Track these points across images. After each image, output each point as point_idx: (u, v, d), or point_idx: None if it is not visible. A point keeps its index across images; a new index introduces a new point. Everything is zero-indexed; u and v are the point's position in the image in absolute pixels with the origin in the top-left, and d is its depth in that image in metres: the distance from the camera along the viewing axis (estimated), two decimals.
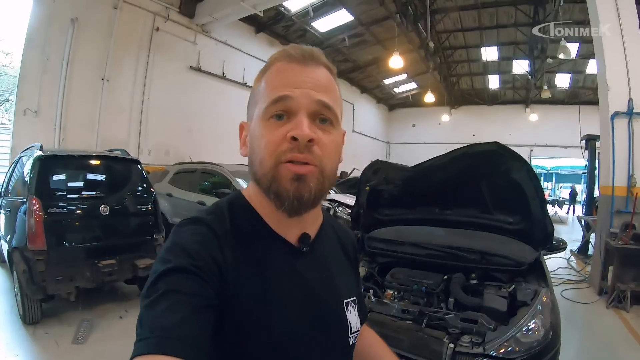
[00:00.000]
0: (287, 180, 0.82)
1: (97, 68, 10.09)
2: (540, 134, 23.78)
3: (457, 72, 23.07)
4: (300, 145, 0.81)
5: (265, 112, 0.83)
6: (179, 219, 7.09)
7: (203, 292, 0.73)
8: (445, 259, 3.61)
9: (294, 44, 0.89)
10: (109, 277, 4.91)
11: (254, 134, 0.85)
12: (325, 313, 0.92)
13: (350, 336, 0.97)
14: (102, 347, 4.24)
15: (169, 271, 0.73)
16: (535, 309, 2.86)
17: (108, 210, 5.05)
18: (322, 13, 14.59)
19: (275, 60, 0.88)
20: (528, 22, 16.72)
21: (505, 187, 3.42)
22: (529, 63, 19.74)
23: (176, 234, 0.83)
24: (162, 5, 11.59)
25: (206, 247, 0.78)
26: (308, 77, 0.85)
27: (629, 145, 7.30)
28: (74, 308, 4.99)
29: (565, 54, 14.15)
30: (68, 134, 9.39)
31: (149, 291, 0.72)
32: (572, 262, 9.40)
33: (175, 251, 0.77)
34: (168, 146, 12.14)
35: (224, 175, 8.00)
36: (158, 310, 0.68)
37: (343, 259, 1.08)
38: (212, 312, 0.73)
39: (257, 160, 0.84)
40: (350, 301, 1.01)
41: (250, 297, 0.80)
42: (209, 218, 0.86)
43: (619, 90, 7.36)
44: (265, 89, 0.86)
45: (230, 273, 0.79)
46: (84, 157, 5.53)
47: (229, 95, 14.23)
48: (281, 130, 0.82)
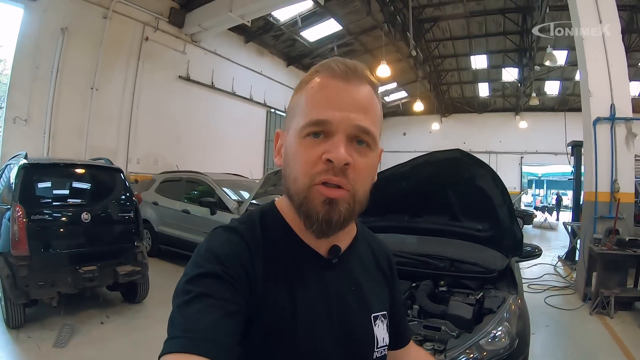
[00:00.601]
0: (319, 203, 0.82)
1: (87, 77, 10.20)
2: (530, 141, 23.84)
3: (447, 80, 23.22)
4: (335, 169, 0.80)
5: (302, 130, 0.82)
6: (164, 227, 7.22)
7: (233, 298, 0.74)
8: (415, 267, 3.64)
9: (337, 57, 0.86)
10: (89, 282, 5.01)
11: (290, 149, 0.85)
12: (352, 326, 0.91)
13: (376, 351, 0.97)
14: (82, 351, 4.32)
15: (201, 275, 0.75)
16: (501, 316, 2.87)
17: (90, 217, 5.15)
18: (311, 23, 14.72)
19: (316, 74, 0.86)
20: (516, 30, 17.00)
21: (472, 194, 3.47)
22: (518, 71, 19.90)
23: (209, 240, 0.84)
24: (151, 15, 11.72)
25: (237, 256, 0.80)
26: (350, 96, 0.83)
27: (611, 150, 7.35)
28: (56, 313, 5.06)
29: (551, 62, 14.39)
30: (57, 142, 9.48)
31: (181, 293, 0.73)
32: (560, 269, 9.48)
33: (208, 257, 0.78)
34: (156, 155, 12.23)
35: (209, 184, 8.13)
36: (190, 312, 0.70)
37: (375, 272, 1.06)
38: (241, 319, 0.74)
39: (292, 177, 0.84)
40: (380, 315, 1.00)
41: (277, 308, 0.81)
42: (242, 227, 0.87)
43: (601, 96, 7.44)
44: (305, 105, 0.83)
45: (259, 282, 0.80)
46: (68, 165, 5.64)
47: (218, 105, 14.41)
48: (317, 150, 0.81)
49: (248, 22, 12.09)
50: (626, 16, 14.39)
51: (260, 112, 17.01)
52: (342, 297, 0.91)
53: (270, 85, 16.87)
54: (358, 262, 1.00)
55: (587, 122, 7.59)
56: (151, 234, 8.73)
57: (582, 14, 7.62)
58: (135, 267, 5.41)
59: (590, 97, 7.50)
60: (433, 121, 25.56)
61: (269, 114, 17.47)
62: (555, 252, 11.13)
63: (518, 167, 25.46)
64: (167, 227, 8.45)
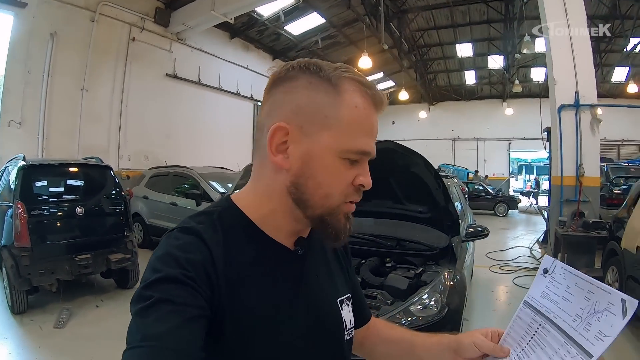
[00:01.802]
0: (342, 217, 0.86)
1: (77, 79, 10.54)
2: (517, 128, 23.99)
3: (434, 69, 23.49)
4: (361, 191, 0.87)
5: (345, 153, 0.82)
6: (154, 220, 7.73)
7: (194, 301, 0.72)
8: (365, 246, 4.03)
9: (371, 83, 0.85)
10: (85, 269, 5.56)
11: (321, 163, 0.82)
12: (322, 313, 0.93)
13: (346, 333, 0.99)
14: (79, 330, 4.89)
15: (160, 280, 0.72)
16: (434, 287, 3.28)
17: (83, 211, 5.69)
18: (294, 17, 15.03)
19: (356, 91, 0.83)
20: (500, 19, 17.20)
21: (409, 180, 3.86)
22: (503, 58, 20.12)
23: (166, 243, 0.81)
24: (137, 16, 12.02)
25: (197, 257, 0.77)
26: (377, 127, 0.88)
27: (576, 136, 7.60)
28: (55, 299, 5.60)
29: (529, 49, 14.61)
30: (51, 143, 9.85)
31: (139, 299, 0.71)
32: (536, 251, 9.75)
33: (166, 260, 0.75)
34: (147, 152, 12.58)
35: (194, 177, 8.60)
36: (149, 319, 0.68)
37: (333, 258, 1.07)
38: (203, 322, 0.72)
39: (322, 192, 0.83)
40: (345, 298, 1.02)
41: (245, 304, 0.80)
42: (200, 227, 0.83)
43: (566, 83, 7.68)
44: (348, 126, 0.82)
45: (222, 283, 0.78)
46: (62, 165, 6.20)
47: (205, 100, 14.77)
48: (351, 173, 0.84)
49: (231, 19, 12.38)
50: (609, 3, 14.68)
51: (247, 105, 17.26)
52: (310, 285, 0.93)
53: (257, 79, 17.07)
54: (319, 249, 1.01)
55: (553, 109, 7.84)
56: (142, 226, 9.19)
57: (547, 4, 7.85)
58: (125, 255, 5.94)
59: (555, 85, 7.76)
60: (421, 109, 25.63)
61: (256, 107, 17.61)
62: (536, 236, 11.44)
63: (506, 154, 25.67)
64: (157, 219, 8.88)
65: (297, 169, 0.83)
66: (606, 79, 20.16)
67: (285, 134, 0.82)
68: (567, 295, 0.82)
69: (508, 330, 0.91)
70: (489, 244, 10.27)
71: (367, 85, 0.83)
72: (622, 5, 14.72)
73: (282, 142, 0.83)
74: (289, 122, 0.82)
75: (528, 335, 0.86)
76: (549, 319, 0.83)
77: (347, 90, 0.82)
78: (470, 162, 24.81)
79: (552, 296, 0.85)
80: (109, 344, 4.54)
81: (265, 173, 0.88)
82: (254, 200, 0.90)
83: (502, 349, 0.90)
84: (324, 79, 0.82)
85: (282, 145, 0.83)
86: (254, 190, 0.91)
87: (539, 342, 0.83)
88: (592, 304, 0.76)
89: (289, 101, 0.83)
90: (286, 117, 0.82)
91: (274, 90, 0.86)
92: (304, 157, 0.82)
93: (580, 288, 0.80)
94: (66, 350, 4.38)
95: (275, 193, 0.86)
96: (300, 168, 0.83)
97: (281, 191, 0.85)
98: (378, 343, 1.17)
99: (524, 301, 0.91)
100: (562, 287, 0.84)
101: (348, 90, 0.82)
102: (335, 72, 0.83)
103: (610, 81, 20.69)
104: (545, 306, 0.85)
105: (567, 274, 0.84)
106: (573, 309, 0.79)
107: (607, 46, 17.72)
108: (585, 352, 0.73)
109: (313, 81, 0.82)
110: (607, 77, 20.13)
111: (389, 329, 1.20)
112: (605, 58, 18.56)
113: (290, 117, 0.82)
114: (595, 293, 0.76)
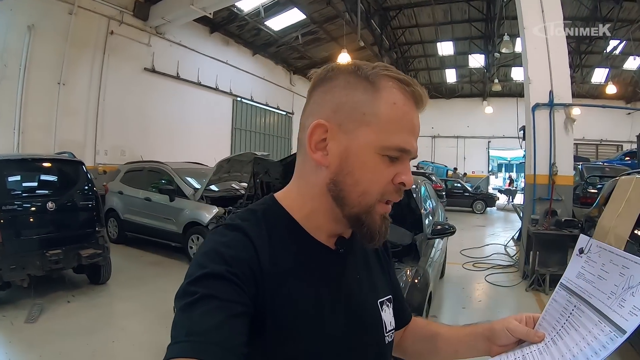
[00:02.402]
0: (379, 217, 0.85)
1: (54, 72, 10.41)
2: (497, 126, 24.26)
3: (415, 66, 23.62)
4: (401, 190, 0.86)
5: (384, 150, 0.82)
6: (129, 215, 7.81)
7: (239, 298, 0.73)
8: None
9: (411, 80, 0.85)
10: (55, 265, 5.58)
11: (359, 159, 0.82)
12: (362, 314, 0.93)
13: (386, 335, 0.98)
14: (50, 325, 4.91)
15: (205, 276, 0.73)
16: None
17: (54, 206, 5.69)
18: (274, 12, 15.05)
19: (394, 88, 0.83)
20: (481, 18, 17.46)
21: None
22: (484, 57, 20.33)
23: (212, 239, 0.82)
24: (116, 9, 11.91)
25: (242, 254, 0.78)
26: (419, 125, 0.87)
27: (550, 135, 7.63)
28: (27, 294, 5.60)
29: (508, 49, 14.88)
30: (27, 137, 9.73)
31: (184, 295, 0.72)
32: (511, 249, 9.84)
33: (212, 256, 0.77)
34: (124, 146, 12.49)
35: (168, 173, 8.62)
36: (194, 314, 0.69)
37: (374, 257, 1.07)
38: (247, 319, 0.73)
39: (360, 189, 0.83)
40: (385, 300, 1.01)
41: (287, 302, 0.80)
42: (245, 224, 0.84)
43: (540, 82, 7.69)
44: (388, 123, 0.82)
45: (266, 279, 0.79)
46: (34, 160, 6.17)
47: (184, 95, 14.68)
48: (390, 171, 0.83)
49: (210, 14, 12.39)
50: (590, 4, 14.89)
51: (226, 100, 17.21)
52: (351, 285, 0.93)
53: (237, 74, 17.10)
54: (360, 250, 1.01)
55: (528, 108, 7.88)
56: (117, 221, 9.15)
57: (524, 3, 7.89)
58: (96, 250, 5.95)
59: (530, 84, 7.80)
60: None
61: (235, 103, 17.67)
62: (512, 233, 11.51)
63: (485, 152, 26.02)
64: (132, 214, 8.86)
65: (336, 165, 0.83)
66: (586, 79, 20.55)
67: (324, 131, 0.83)
68: (602, 274, 0.81)
69: (543, 314, 0.91)
70: (464, 240, 10.46)
71: (405, 82, 0.83)
72: (602, 8, 14.97)
73: (322, 140, 0.84)
74: (328, 120, 0.83)
75: (563, 317, 0.85)
76: (584, 300, 0.83)
77: (385, 87, 0.82)
78: (450, 159, 25.13)
79: (587, 276, 0.85)
80: (79, 339, 4.71)
81: (307, 171, 0.88)
82: (296, 199, 0.90)
83: (537, 333, 0.88)
84: (362, 77, 0.83)
85: (322, 143, 0.84)
86: (297, 188, 0.92)
87: (573, 324, 0.82)
88: (626, 279, 0.76)
89: (329, 100, 0.84)
90: (326, 115, 0.83)
91: (314, 91, 0.88)
92: (343, 153, 0.83)
93: (614, 264, 0.79)
94: (36, 345, 4.42)
95: (316, 191, 0.87)
96: (339, 165, 0.83)
97: (321, 189, 0.86)
98: (413, 341, 1.17)
99: (560, 283, 0.91)
100: (598, 265, 0.83)
101: (386, 87, 0.82)
102: (373, 71, 0.83)
103: (590, 82, 21.08)
104: (581, 286, 0.85)
105: (603, 251, 0.84)
106: (608, 286, 0.79)
107: (587, 47, 18.04)
108: (618, 329, 0.73)
109: (351, 80, 0.83)
110: (587, 78, 20.53)
111: (424, 326, 1.19)
112: (585, 59, 18.89)
113: (330, 115, 0.83)
114: (630, 267, 0.76)
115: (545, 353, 0.82)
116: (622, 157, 16.23)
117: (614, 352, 0.71)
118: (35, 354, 4.24)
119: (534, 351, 0.84)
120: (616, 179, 6.08)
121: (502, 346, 0.93)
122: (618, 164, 13.57)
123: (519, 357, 0.84)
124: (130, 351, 4.49)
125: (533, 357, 0.82)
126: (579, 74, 18.94)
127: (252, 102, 18.71)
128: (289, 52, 19.43)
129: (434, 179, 16.63)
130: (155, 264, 7.93)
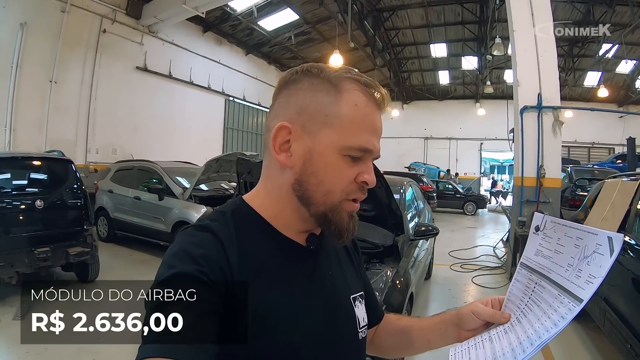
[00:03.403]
0: (345, 215, 0.87)
1: (46, 70, 10.43)
2: (489, 128, 24.03)
3: (408, 68, 23.60)
4: (364, 189, 0.88)
5: (346, 150, 0.84)
6: (119, 214, 7.82)
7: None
8: None
9: (373, 83, 0.88)
10: (43, 262, 5.59)
11: (323, 160, 0.84)
12: (335, 309, 0.93)
13: (360, 331, 0.99)
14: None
15: (175, 276, 0.73)
16: (374, 286, 3.31)
17: (43, 204, 5.72)
18: (267, 12, 15.07)
19: (356, 90, 0.86)
20: (474, 20, 17.48)
21: None
22: (477, 59, 20.37)
23: (181, 240, 0.83)
24: (109, 8, 11.93)
25: (212, 253, 0.79)
26: (381, 126, 0.89)
27: (538, 137, 7.65)
28: (16, 292, 5.61)
29: (499, 51, 14.89)
30: (18, 135, 9.75)
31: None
32: (500, 250, 9.75)
33: (181, 257, 0.77)
34: (115, 145, 12.51)
35: (157, 172, 8.64)
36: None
37: (345, 255, 1.08)
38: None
39: (323, 189, 0.85)
40: (357, 296, 1.02)
41: (259, 298, 0.80)
42: (214, 224, 0.85)
43: (529, 85, 7.71)
44: (350, 124, 0.84)
45: (236, 277, 0.79)
46: (23, 158, 6.23)
47: (176, 94, 14.72)
48: (353, 170, 0.85)
49: (202, 13, 12.44)
50: (583, 8, 14.95)
51: (218, 100, 17.25)
52: (323, 281, 0.93)
53: (229, 74, 17.13)
54: (331, 247, 1.01)
55: (516, 110, 7.91)
56: (107, 220, 9.14)
57: (514, 6, 7.91)
58: (84, 249, 5.97)
59: (519, 87, 7.82)
60: (394, 108, 25.41)
61: (227, 102, 17.72)
62: (502, 235, 11.41)
63: (478, 153, 25.91)
64: (122, 213, 8.87)
65: (300, 166, 0.85)
66: (578, 82, 20.59)
67: (287, 133, 0.85)
68: (558, 248, 0.83)
69: (508, 295, 0.92)
70: (453, 242, 10.48)
71: (368, 84, 0.86)
72: (595, 11, 15.02)
73: (285, 141, 0.85)
74: (292, 122, 0.85)
75: (526, 296, 0.87)
76: (544, 275, 0.85)
77: (347, 89, 0.84)
78: (443, 161, 25.09)
79: (545, 252, 0.87)
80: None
81: (272, 172, 0.90)
82: (264, 199, 0.91)
83: (502, 314, 0.90)
84: (325, 79, 0.85)
85: (285, 144, 0.85)
86: (264, 189, 0.93)
87: (535, 301, 0.84)
88: (581, 249, 0.78)
89: (293, 102, 0.86)
90: (290, 117, 0.85)
91: (280, 94, 0.89)
92: (306, 154, 0.84)
93: (569, 237, 0.81)
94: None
95: (282, 192, 0.88)
96: (303, 165, 0.84)
97: (287, 189, 0.87)
98: (386, 337, 1.18)
99: (520, 263, 0.93)
100: (554, 240, 0.85)
101: (348, 89, 0.84)
102: (336, 74, 0.85)
103: (582, 85, 21.14)
104: (540, 263, 0.87)
105: (557, 226, 0.86)
106: (565, 259, 0.81)
107: (580, 51, 18.11)
108: (576, 298, 0.75)
109: (315, 82, 0.85)
110: (579, 81, 20.54)
111: (395, 320, 1.20)
112: (578, 62, 18.92)
113: (294, 117, 0.85)
114: (583, 238, 0.78)
115: (510, 332, 0.84)
116: (613, 160, 16.27)
117: (572, 321, 0.75)
118: (22, 350, 4.28)
119: (500, 332, 0.87)
120: (603, 181, 6.08)
121: (471, 330, 0.95)
122: (609, 166, 13.68)
123: (486, 339, 0.88)
124: (115, 348, 4.53)
125: (499, 337, 0.85)
126: (571, 77, 18.99)
127: (244, 101, 18.76)
128: (281, 52, 19.46)
129: (425, 181, 16.70)
130: (144, 262, 7.94)
